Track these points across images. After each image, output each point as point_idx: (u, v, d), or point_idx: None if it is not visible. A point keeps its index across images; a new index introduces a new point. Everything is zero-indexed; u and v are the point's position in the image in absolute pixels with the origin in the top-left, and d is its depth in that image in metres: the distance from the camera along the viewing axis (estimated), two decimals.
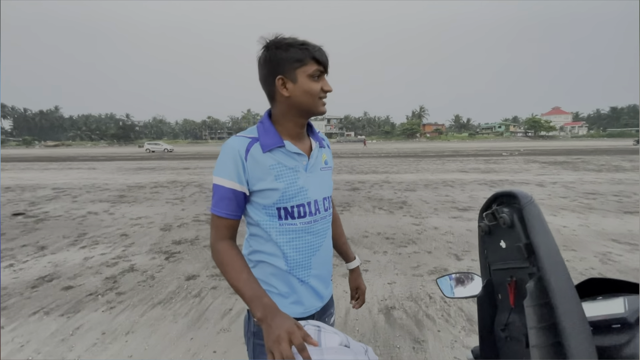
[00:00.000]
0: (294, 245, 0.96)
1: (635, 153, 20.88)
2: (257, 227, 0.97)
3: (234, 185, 0.90)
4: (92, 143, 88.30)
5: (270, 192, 0.92)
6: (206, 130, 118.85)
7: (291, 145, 0.95)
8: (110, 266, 3.50)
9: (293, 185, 0.94)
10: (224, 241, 0.93)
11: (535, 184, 8.73)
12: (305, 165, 0.98)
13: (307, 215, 0.97)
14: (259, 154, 0.91)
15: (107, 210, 6.29)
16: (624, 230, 4.46)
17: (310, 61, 0.89)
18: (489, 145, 43.13)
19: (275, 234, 0.95)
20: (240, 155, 0.90)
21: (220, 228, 0.93)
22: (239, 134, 0.95)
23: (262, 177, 0.92)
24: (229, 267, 0.89)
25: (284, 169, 0.93)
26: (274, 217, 0.95)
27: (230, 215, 0.92)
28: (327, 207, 1.04)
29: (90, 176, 12.68)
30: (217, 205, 0.91)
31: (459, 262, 3.46)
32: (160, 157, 26.33)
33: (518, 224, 0.72)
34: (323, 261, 1.04)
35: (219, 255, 0.91)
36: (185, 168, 15.63)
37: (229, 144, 0.92)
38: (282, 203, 0.93)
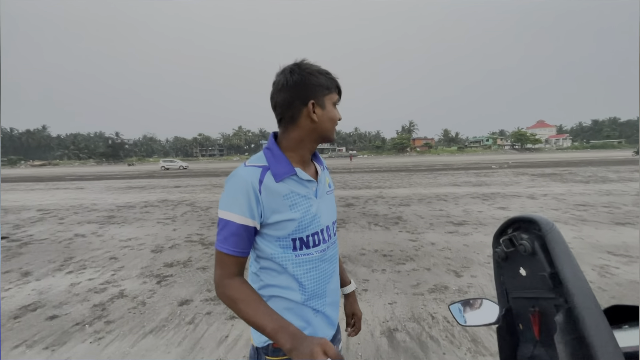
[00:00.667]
0: (311, 275, 0.93)
1: (619, 164, 21.49)
2: (269, 261, 0.92)
3: (245, 220, 0.84)
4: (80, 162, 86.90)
5: (286, 223, 0.88)
6: (197, 147, 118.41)
7: (302, 172, 0.92)
8: (99, 292, 3.34)
9: (307, 213, 0.91)
10: (233, 278, 0.86)
11: (526, 197, 8.83)
12: (315, 191, 0.95)
13: (321, 242, 0.95)
14: (273, 184, 0.87)
15: (95, 232, 6.09)
16: (618, 242, 4.49)
17: (335, 90, 0.93)
18: (478, 159, 43.92)
19: (292, 266, 0.91)
20: (254, 188, 0.84)
21: (228, 266, 0.86)
22: (247, 164, 0.89)
23: (277, 209, 0.87)
24: (244, 302, 0.83)
25: (298, 197, 0.90)
26: (288, 248, 0.90)
27: (240, 253, 0.86)
28: (335, 232, 1.03)
29: (77, 196, 12.37)
30: (225, 242, 0.85)
31: (458, 279, 3.41)
32: (150, 175, 25.96)
33: (540, 252, 0.69)
34: (335, 287, 1.04)
35: (230, 292, 0.84)
36: (176, 186, 15.41)
37: (240, 175, 0.86)
38: (298, 233, 0.90)
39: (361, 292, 3.17)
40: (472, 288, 3.16)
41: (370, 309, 2.85)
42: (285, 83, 0.88)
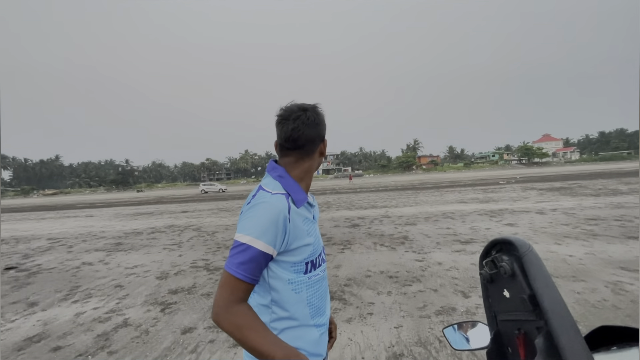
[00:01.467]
0: (319, 294, 1.00)
1: (630, 175, 21.09)
2: (284, 287, 0.92)
3: (268, 248, 0.84)
4: (90, 190, 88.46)
5: (304, 248, 0.94)
6: (205, 172, 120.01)
7: (310, 197, 1.03)
8: (103, 322, 3.33)
9: (316, 237, 1.00)
10: (239, 304, 0.84)
11: (535, 212, 8.68)
12: (313, 215, 1.03)
13: (322, 262, 1.03)
14: (295, 212, 0.92)
15: (102, 260, 6.13)
16: (631, 257, 4.36)
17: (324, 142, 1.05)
18: (485, 175, 43.56)
19: (306, 289, 0.96)
20: (285, 217, 0.86)
21: (237, 291, 0.84)
22: (274, 192, 0.89)
23: (299, 235, 0.92)
24: (251, 330, 0.81)
25: (310, 222, 0.98)
26: (300, 272, 0.95)
27: (253, 280, 0.86)
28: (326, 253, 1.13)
29: (87, 224, 12.54)
30: (241, 267, 0.83)
31: (466, 300, 3.32)
32: (158, 202, 26.25)
33: (519, 273, 0.70)
34: (329, 301, 1.11)
35: (236, 318, 0.81)
36: (183, 211, 15.53)
37: (271, 203, 0.86)
38: (311, 256, 0.96)
39: (366, 316, 3.11)
40: (480, 309, 3.08)
41: (376, 333, 2.78)
42: (313, 120, 0.97)
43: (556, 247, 5.10)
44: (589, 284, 3.58)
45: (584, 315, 2.88)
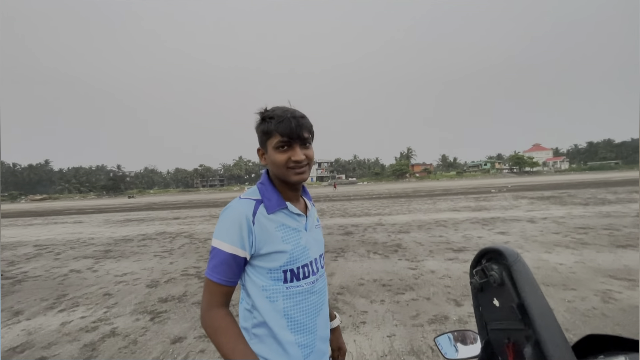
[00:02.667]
0: (301, 308, 0.95)
1: (618, 185, 21.52)
2: (260, 294, 0.92)
3: (236, 250, 0.87)
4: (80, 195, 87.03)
5: (277, 255, 0.91)
6: (198, 178, 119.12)
7: (292, 206, 0.97)
8: (90, 331, 3.25)
9: (298, 246, 0.95)
10: (219, 308, 0.88)
11: (526, 220, 8.79)
12: (305, 224, 1.00)
13: (311, 275, 0.98)
14: (265, 216, 0.91)
15: (90, 268, 6.00)
16: (619, 266, 4.43)
17: (275, 133, 0.90)
18: (477, 183, 44.05)
19: (282, 299, 0.92)
20: (248, 219, 0.88)
21: (215, 294, 0.88)
22: (242, 196, 0.94)
23: (270, 240, 0.91)
24: (224, 336, 0.83)
25: (288, 230, 0.95)
26: (279, 280, 0.92)
27: (228, 282, 0.89)
28: (323, 264, 1.07)
29: (75, 230, 12.30)
30: (214, 270, 0.88)
31: (459, 309, 3.33)
32: (149, 208, 25.92)
33: (508, 282, 0.71)
34: (325, 321, 1.04)
35: (212, 321, 0.85)
36: (175, 218, 15.35)
37: (234, 208, 0.90)
38: (289, 265, 0.93)
39: (359, 325, 3.09)
40: (473, 318, 3.07)
41: (369, 342, 2.76)
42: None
43: (547, 256, 5.15)
44: (579, 292, 3.61)
45: (574, 324, 2.90)
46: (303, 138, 0.91)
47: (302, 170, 0.93)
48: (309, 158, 0.94)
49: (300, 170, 0.93)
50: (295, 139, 0.91)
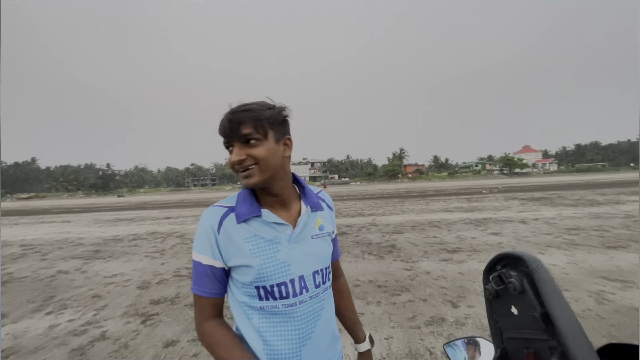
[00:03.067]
0: (278, 332, 0.82)
1: (605, 186, 21.98)
2: (238, 309, 0.86)
3: (210, 261, 0.82)
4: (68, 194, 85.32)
5: (245, 269, 0.81)
6: (189, 177, 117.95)
7: (269, 214, 0.84)
8: (78, 335, 3.14)
9: (271, 260, 0.81)
10: (210, 321, 0.84)
11: (518, 221, 8.88)
12: (289, 235, 0.85)
13: (290, 295, 0.82)
14: (232, 226, 0.82)
15: (79, 269, 5.85)
16: (611, 267, 4.49)
17: (222, 134, 0.82)
18: (468, 184, 44.55)
19: (257, 318, 0.83)
20: (213, 229, 0.81)
21: (204, 308, 0.84)
22: (216, 204, 0.86)
23: (236, 252, 0.81)
24: (219, 347, 0.79)
25: (261, 241, 0.82)
26: (254, 297, 0.82)
27: (212, 294, 0.84)
28: (319, 282, 0.88)
29: (63, 230, 12.01)
30: (196, 283, 0.83)
31: (455, 310, 3.32)
32: (140, 207, 25.53)
33: (529, 291, 0.68)
34: (319, 351, 0.87)
35: (206, 337, 0.82)
36: (166, 217, 15.13)
37: (202, 218, 0.84)
38: (261, 281, 0.81)
39: None
40: (470, 319, 3.08)
41: None
42: None
43: (540, 257, 5.19)
44: (573, 293, 3.64)
45: None
46: (241, 135, 0.78)
47: (246, 173, 0.80)
48: (254, 157, 0.79)
49: (244, 173, 0.80)
50: (233, 138, 0.80)
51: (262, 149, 0.79)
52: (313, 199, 0.94)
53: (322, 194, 1.01)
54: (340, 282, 1.10)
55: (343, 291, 1.09)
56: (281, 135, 0.84)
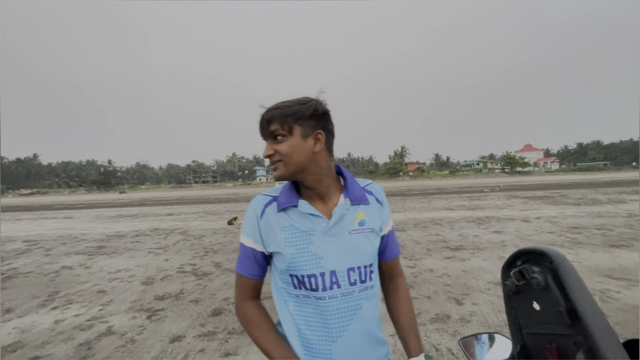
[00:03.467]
0: (310, 322, 0.84)
1: (607, 186, 21.94)
2: (277, 293, 0.91)
3: (252, 244, 0.88)
4: (70, 190, 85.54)
5: (280, 257, 0.85)
6: (190, 174, 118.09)
7: (306, 204, 0.85)
8: (85, 330, 3.16)
9: (303, 251, 0.83)
10: (249, 301, 0.91)
11: (520, 220, 8.88)
12: (324, 228, 0.85)
13: (320, 289, 0.83)
14: (273, 214, 0.87)
15: (83, 264, 5.88)
16: (615, 265, 4.48)
17: (260, 129, 0.88)
18: (470, 182, 44.48)
19: (292, 305, 0.86)
20: (256, 215, 0.88)
21: (244, 287, 0.91)
22: (263, 192, 0.93)
23: (274, 239, 0.86)
24: (256, 327, 0.87)
25: (296, 232, 0.85)
26: (289, 284, 0.86)
27: (252, 275, 0.90)
28: (354, 280, 0.85)
29: (66, 226, 12.06)
30: (240, 263, 0.90)
31: (460, 307, 3.33)
32: (142, 204, 25.58)
33: (554, 286, 0.67)
34: (353, 352, 0.84)
35: (244, 315, 0.89)
36: (168, 214, 15.17)
37: (250, 204, 0.91)
38: (294, 270, 0.83)
39: None
40: (475, 316, 3.08)
41: None
42: None
43: None
44: None
45: None
46: (269, 132, 0.84)
47: (273, 167, 0.86)
48: (279, 152, 0.83)
49: (272, 167, 0.86)
50: (264, 135, 0.87)
51: (286, 145, 0.82)
52: (355, 192, 0.90)
53: (371, 186, 0.96)
54: (396, 284, 1.01)
55: (397, 292, 1.00)
56: (311, 131, 0.84)
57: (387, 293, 1.01)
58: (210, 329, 3.07)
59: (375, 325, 0.90)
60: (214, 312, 3.46)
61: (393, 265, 1.01)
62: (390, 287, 1.01)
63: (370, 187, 0.95)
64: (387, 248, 0.96)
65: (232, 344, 2.78)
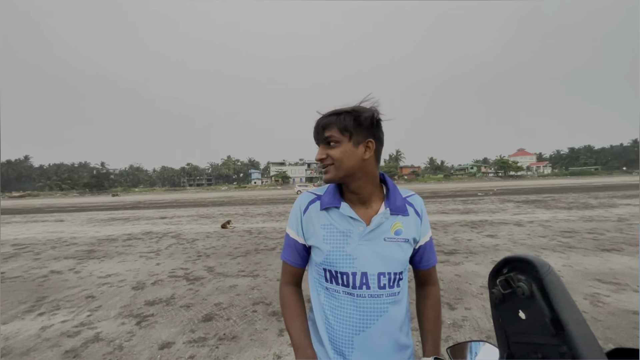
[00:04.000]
0: (336, 314, 0.93)
1: (598, 190, 22.24)
2: (312, 283, 1.00)
3: (295, 236, 0.97)
4: (61, 193, 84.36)
5: (318, 251, 0.94)
6: (185, 177, 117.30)
7: (347, 207, 0.92)
8: (72, 336, 3.09)
9: (339, 250, 0.91)
10: (288, 286, 1.00)
11: (513, 224, 8.94)
12: (361, 231, 0.91)
13: (350, 286, 0.90)
14: (316, 211, 0.95)
15: (72, 268, 5.77)
16: (605, 269, 4.52)
17: (315, 133, 0.94)
18: (464, 186, 44.82)
19: (323, 296, 0.95)
20: (301, 210, 0.97)
21: (286, 273, 1.00)
22: (309, 190, 1.01)
23: (313, 234, 0.94)
24: (287, 311, 0.95)
25: (334, 231, 0.92)
26: (322, 277, 0.95)
27: (293, 263, 0.99)
28: (384, 285, 0.90)
29: (56, 229, 11.86)
30: (284, 250, 1.00)
31: (452, 312, 3.32)
32: (134, 207, 25.32)
33: (539, 295, 0.67)
34: (373, 345, 0.90)
35: (281, 298, 0.99)
36: (161, 217, 15.02)
37: (297, 199, 1.00)
38: (328, 265, 0.92)
39: None
40: (467, 321, 3.08)
41: None
42: None
43: None
44: None
45: None
46: (323, 137, 0.90)
47: (324, 170, 0.92)
48: (331, 157, 0.89)
49: (323, 170, 0.92)
50: (318, 140, 0.93)
51: (338, 151, 0.88)
52: (397, 203, 0.94)
53: (412, 198, 0.99)
54: (428, 290, 1.04)
55: (427, 298, 1.03)
56: (362, 139, 0.89)
57: (419, 298, 1.07)
58: (201, 334, 3.03)
59: (398, 330, 0.94)
60: (205, 317, 3.41)
61: (428, 274, 1.05)
62: (423, 293, 1.06)
63: (411, 199, 0.99)
64: (423, 258, 1.02)
65: (222, 350, 2.74)
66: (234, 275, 4.94)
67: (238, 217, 13.66)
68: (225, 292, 4.21)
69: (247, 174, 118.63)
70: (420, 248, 0.99)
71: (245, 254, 6.47)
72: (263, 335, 2.96)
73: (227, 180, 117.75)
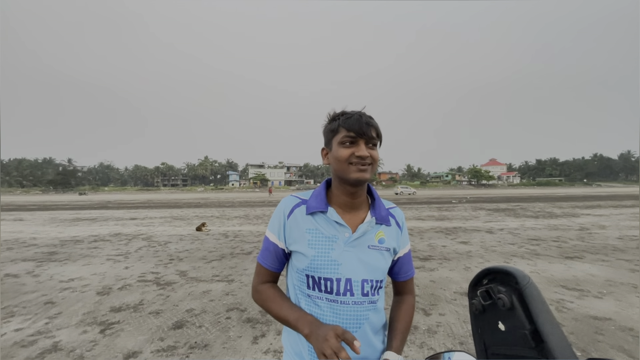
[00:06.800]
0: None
1: (561, 200, 23.57)
2: (291, 289, 0.97)
3: (275, 240, 0.95)
4: (22, 190, 79.04)
5: (301, 256, 0.91)
6: (159, 177, 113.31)
7: (334, 212, 0.92)
8: (26, 346, 2.86)
9: (324, 255, 0.90)
10: (264, 283, 0.97)
11: (485, 231, 9.27)
12: (347, 238, 0.91)
13: (334, 293, 0.89)
14: (301, 216, 0.93)
15: (30, 272, 5.38)
16: (569, 276, 4.76)
17: (341, 129, 0.90)
18: (439, 193, 46.13)
19: (304, 304, 0.92)
20: (284, 214, 0.94)
21: (260, 275, 0.98)
22: (294, 194, 0.99)
23: (297, 239, 0.92)
24: (271, 301, 0.93)
25: (320, 236, 0.91)
26: (304, 283, 0.92)
27: (270, 267, 0.96)
28: (367, 292, 0.90)
29: (14, 229, 11.05)
30: (261, 254, 0.98)
31: (427, 318, 3.37)
32: (103, 207, 24.12)
33: (519, 307, 0.67)
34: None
35: (260, 294, 0.96)
36: (132, 218, 14.37)
37: (280, 202, 0.98)
38: (311, 271, 0.90)
39: None
40: (441, 327, 3.13)
41: None
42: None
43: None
44: None
45: None
46: (369, 136, 0.89)
47: (364, 167, 0.88)
48: (373, 158, 0.89)
49: (362, 167, 0.88)
50: (361, 136, 0.88)
51: (377, 154, 0.92)
52: (381, 213, 0.97)
53: (394, 210, 1.03)
54: (405, 297, 1.04)
55: (402, 304, 1.03)
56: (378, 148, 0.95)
57: (395, 303, 1.06)
58: (171, 343, 2.88)
59: (376, 337, 0.95)
60: (175, 324, 3.26)
61: (406, 285, 1.06)
62: (399, 300, 1.06)
63: (393, 211, 1.02)
64: (402, 269, 1.03)
65: (193, 359, 2.62)
66: (207, 280, 4.78)
67: (214, 220, 13.31)
68: (198, 297, 4.05)
69: (225, 175, 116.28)
70: (399, 259, 1.02)
71: (220, 257, 6.29)
72: (237, 343, 2.87)
73: (204, 182, 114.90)
